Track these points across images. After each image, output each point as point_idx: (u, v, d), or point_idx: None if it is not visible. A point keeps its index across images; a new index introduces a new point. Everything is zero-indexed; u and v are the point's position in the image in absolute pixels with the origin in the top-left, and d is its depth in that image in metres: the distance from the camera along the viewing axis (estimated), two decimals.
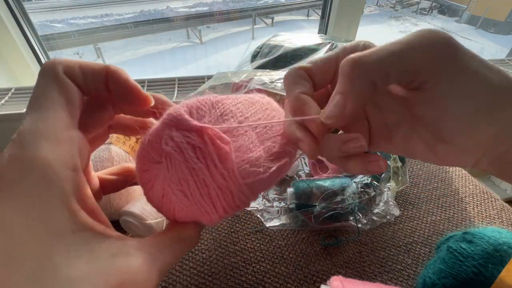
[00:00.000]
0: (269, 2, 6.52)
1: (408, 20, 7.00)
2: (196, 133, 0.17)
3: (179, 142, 0.17)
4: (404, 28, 6.39)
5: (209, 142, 0.17)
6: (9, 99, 0.64)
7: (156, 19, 5.52)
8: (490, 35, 6.18)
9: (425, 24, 6.75)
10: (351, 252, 0.39)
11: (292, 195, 0.41)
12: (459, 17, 7.07)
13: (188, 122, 0.17)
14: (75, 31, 4.74)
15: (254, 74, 0.43)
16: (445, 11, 7.60)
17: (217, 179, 0.17)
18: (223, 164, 0.17)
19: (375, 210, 0.42)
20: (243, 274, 0.37)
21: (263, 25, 5.99)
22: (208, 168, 0.17)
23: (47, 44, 0.80)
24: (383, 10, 7.67)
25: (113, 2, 6.02)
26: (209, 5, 6.08)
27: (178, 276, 0.36)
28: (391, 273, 0.37)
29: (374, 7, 7.77)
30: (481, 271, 0.27)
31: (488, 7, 6.38)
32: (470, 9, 6.86)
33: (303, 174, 0.50)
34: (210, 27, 5.65)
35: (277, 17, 6.16)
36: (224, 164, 0.17)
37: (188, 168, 0.17)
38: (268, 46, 0.59)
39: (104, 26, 5.12)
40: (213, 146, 0.17)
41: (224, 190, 0.17)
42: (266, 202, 0.44)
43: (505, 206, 0.47)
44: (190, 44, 4.97)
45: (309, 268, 0.37)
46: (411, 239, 0.41)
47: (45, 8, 5.37)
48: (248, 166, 0.18)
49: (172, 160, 0.17)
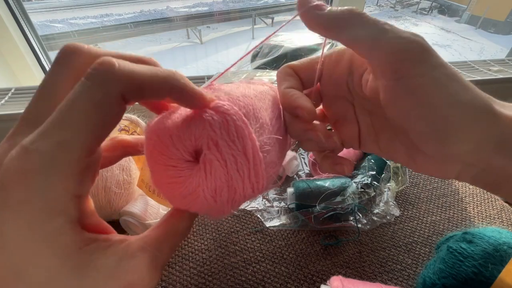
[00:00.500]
0: (269, 2, 6.52)
1: (408, 20, 6.99)
2: (242, 146, 0.16)
3: (224, 153, 0.16)
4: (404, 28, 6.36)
5: (251, 158, 0.17)
6: (9, 99, 0.64)
7: (156, 19, 5.52)
8: (490, 35, 6.18)
9: (425, 24, 6.75)
10: (351, 252, 0.39)
11: (292, 195, 0.41)
12: (459, 17, 7.06)
13: (246, 132, 0.16)
14: (75, 31, 4.75)
15: (254, 74, 0.43)
16: (445, 11, 7.59)
17: (247, 190, 0.18)
18: (256, 178, 0.18)
19: (375, 210, 0.42)
20: (243, 274, 0.37)
21: (263, 25, 5.99)
22: (243, 181, 0.17)
23: (47, 44, 0.80)
24: (383, 10, 7.67)
25: (113, 2, 6.02)
26: (209, 5, 6.08)
27: (178, 276, 0.36)
28: (391, 273, 0.37)
29: (374, 7, 7.77)
30: (481, 271, 0.27)
31: (488, 7, 6.38)
32: (470, 9, 6.86)
33: (303, 174, 0.50)
34: (210, 27, 5.65)
35: (277, 17, 6.15)
36: (257, 178, 0.18)
37: (227, 179, 0.17)
38: (268, 46, 0.59)
39: (104, 26, 5.12)
40: (253, 162, 0.17)
41: (248, 198, 0.18)
42: (266, 202, 0.44)
43: (505, 206, 0.47)
44: (190, 44, 4.97)
45: (309, 268, 0.37)
46: (411, 239, 0.41)
47: (45, 8, 5.38)
48: (271, 179, 0.19)
49: (213, 169, 0.16)
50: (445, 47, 5.48)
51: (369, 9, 7.57)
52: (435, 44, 5.59)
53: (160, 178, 0.18)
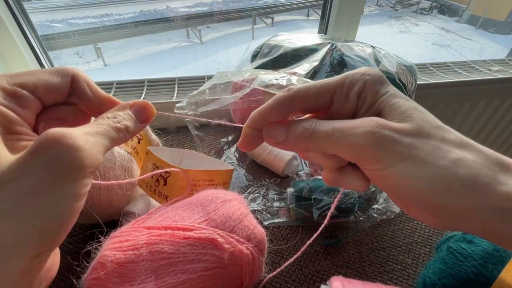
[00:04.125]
0: (269, 2, 6.52)
1: (408, 20, 7.00)
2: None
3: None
4: (404, 28, 6.39)
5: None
6: None
7: (156, 19, 5.53)
8: (490, 35, 6.18)
9: (425, 24, 6.75)
10: (351, 252, 0.39)
11: (292, 195, 0.41)
12: (459, 17, 7.07)
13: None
14: (75, 31, 4.74)
15: (257, 73, 0.43)
16: (445, 11, 7.60)
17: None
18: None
19: (375, 206, 0.42)
20: None
21: (263, 25, 6.00)
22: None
23: (47, 44, 0.80)
24: (383, 10, 7.67)
25: (113, 2, 6.02)
26: (209, 5, 6.08)
27: None
28: (391, 273, 0.37)
29: (374, 7, 7.77)
30: (481, 271, 0.27)
31: (488, 7, 6.38)
32: (470, 9, 6.86)
33: (303, 174, 0.50)
34: (210, 27, 5.65)
35: (277, 17, 6.16)
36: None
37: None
38: (268, 46, 0.59)
39: (104, 26, 5.12)
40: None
41: None
42: (266, 202, 0.44)
43: None
44: (190, 44, 4.97)
45: (309, 268, 0.37)
46: (411, 239, 0.41)
47: (45, 8, 5.38)
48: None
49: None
50: (445, 47, 5.48)
51: (369, 9, 7.58)
52: (435, 44, 5.60)
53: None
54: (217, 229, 0.24)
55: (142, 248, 0.22)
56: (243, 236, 0.25)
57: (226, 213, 0.26)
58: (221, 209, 0.26)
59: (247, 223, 0.26)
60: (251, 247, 0.25)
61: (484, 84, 0.76)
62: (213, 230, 0.24)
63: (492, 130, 0.94)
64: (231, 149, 0.55)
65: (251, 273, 0.26)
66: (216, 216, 0.25)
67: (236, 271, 0.25)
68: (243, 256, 0.24)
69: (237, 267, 0.25)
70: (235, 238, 0.25)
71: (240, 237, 0.25)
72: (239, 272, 0.25)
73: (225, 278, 0.24)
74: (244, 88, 0.42)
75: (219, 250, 0.23)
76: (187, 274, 0.22)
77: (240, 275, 0.25)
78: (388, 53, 0.56)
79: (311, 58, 0.54)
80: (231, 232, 0.25)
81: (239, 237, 0.25)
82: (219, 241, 0.24)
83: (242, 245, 0.25)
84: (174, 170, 0.32)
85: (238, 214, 0.26)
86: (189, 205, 0.27)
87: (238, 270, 0.25)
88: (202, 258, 0.23)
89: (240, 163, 0.52)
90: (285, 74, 0.42)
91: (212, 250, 0.23)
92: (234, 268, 0.24)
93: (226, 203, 0.27)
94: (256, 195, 0.46)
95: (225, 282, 0.24)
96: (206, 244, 0.23)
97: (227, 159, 0.53)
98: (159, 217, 0.26)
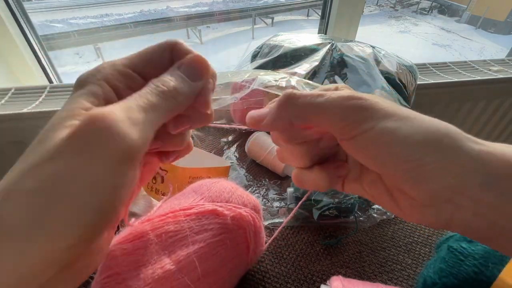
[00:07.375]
0: (269, 2, 6.52)
1: (408, 20, 7.00)
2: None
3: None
4: (404, 28, 6.39)
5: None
6: (9, 99, 0.64)
7: (156, 19, 5.53)
8: (490, 35, 6.19)
9: (425, 24, 6.75)
10: (351, 252, 0.39)
11: (292, 195, 0.41)
12: (459, 17, 7.07)
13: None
14: (75, 31, 4.74)
15: (257, 74, 0.43)
16: (445, 11, 7.60)
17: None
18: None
19: (375, 206, 0.42)
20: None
21: (263, 25, 6.00)
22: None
23: (47, 44, 0.80)
24: (383, 10, 7.67)
25: (113, 2, 6.03)
26: (209, 5, 6.08)
27: None
28: (391, 273, 0.37)
29: (374, 7, 7.77)
30: (482, 270, 0.27)
31: (488, 7, 6.38)
32: (470, 9, 6.86)
33: None
34: (210, 27, 5.65)
35: (277, 17, 6.16)
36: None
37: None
38: (268, 46, 0.59)
39: (104, 26, 5.12)
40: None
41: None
42: (266, 202, 0.44)
43: None
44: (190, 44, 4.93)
45: (309, 268, 0.37)
46: (411, 239, 0.41)
47: (45, 8, 5.38)
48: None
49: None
50: (445, 47, 5.48)
51: (369, 9, 7.58)
52: (435, 44, 5.60)
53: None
54: (214, 202, 0.27)
55: (148, 235, 0.23)
56: (239, 203, 0.28)
57: (218, 189, 0.28)
58: (213, 188, 0.28)
59: (239, 193, 0.29)
60: (248, 210, 0.28)
61: (484, 84, 0.76)
62: (211, 203, 0.26)
63: (492, 130, 0.94)
64: (231, 149, 0.55)
65: (255, 236, 0.28)
66: (210, 193, 0.28)
67: (241, 234, 0.27)
68: (243, 218, 0.27)
69: (241, 230, 0.27)
70: (233, 205, 0.27)
71: (236, 204, 0.27)
72: (244, 235, 0.27)
73: (233, 242, 0.26)
74: (244, 89, 0.42)
75: (221, 217, 0.26)
76: (198, 244, 0.24)
77: (245, 238, 0.27)
78: (388, 53, 0.56)
79: (311, 58, 0.54)
80: (227, 202, 0.27)
81: (235, 204, 0.27)
82: (219, 210, 0.26)
83: (241, 209, 0.27)
84: (171, 167, 0.33)
85: (229, 188, 0.29)
86: (182, 194, 0.29)
87: (243, 233, 0.27)
88: (208, 228, 0.25)
89: (240, 163, 0.52)
90: (285, 75, 0.42)
91: (215, 219, 0.25)
92: (239, 232, 0.26)
93: (215, 183, 0.29)
94: (256, 195, 0.46)
95: (233, 246, 0.26)
96: (208, 215, 0.25)
97: (227, 159, 0.53)
98: (157, 211, 0.27)
